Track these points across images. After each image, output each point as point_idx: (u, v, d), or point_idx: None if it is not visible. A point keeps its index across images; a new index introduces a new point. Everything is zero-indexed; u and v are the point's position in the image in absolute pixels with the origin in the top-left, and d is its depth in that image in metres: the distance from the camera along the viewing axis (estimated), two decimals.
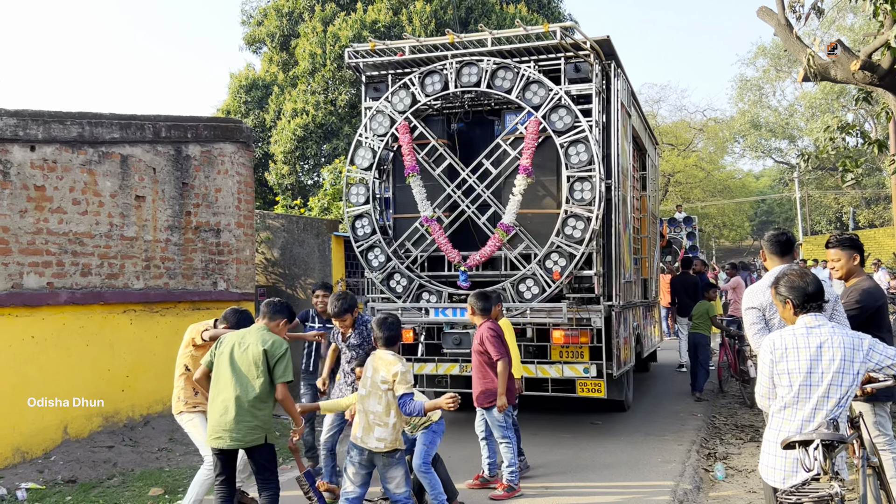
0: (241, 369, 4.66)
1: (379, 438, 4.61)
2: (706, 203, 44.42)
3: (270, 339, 4.71)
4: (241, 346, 4.70)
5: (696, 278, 12.86)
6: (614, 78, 8.35)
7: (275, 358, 4.66)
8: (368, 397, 4.68)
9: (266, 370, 4.66)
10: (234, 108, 23.50)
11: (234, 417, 4.58)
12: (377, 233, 8.65)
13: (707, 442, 8.19)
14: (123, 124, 8.10)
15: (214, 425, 4.66)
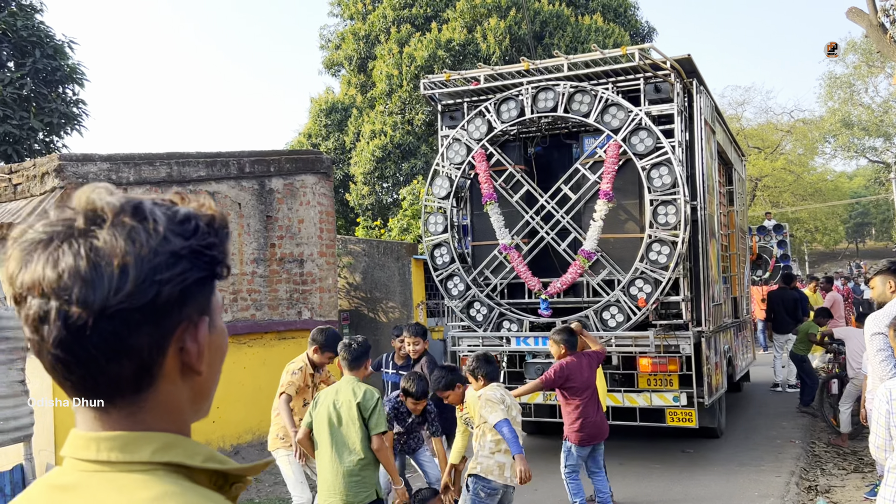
0: (341, 430, 4.61)
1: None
2: (796, 207, 42.70)
3: (361, 392, 4.64)
4: (336, 405, 4.65)
5: (797, 294, 12.33)
6: (697, 96, 8.10)
7: (367, 410, 4.59)
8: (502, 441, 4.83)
9: (363, 425, 4.59)
10: (315, 132, 24.02)
11: (343, 479, 4.55)
12: (456, 261, 8.62)
13: (807, 473, 7.79)
14: (209, 162, 8.35)
15: (325, 488, 4.63)
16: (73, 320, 0.84)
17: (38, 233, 0.90)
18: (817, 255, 52.71)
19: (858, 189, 56.79)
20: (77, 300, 0.84)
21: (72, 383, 0.91)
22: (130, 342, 0.87)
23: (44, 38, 14.49)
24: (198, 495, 0.89)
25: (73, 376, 0.90)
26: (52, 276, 0.85)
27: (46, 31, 14.75)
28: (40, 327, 0.86)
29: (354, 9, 24.85)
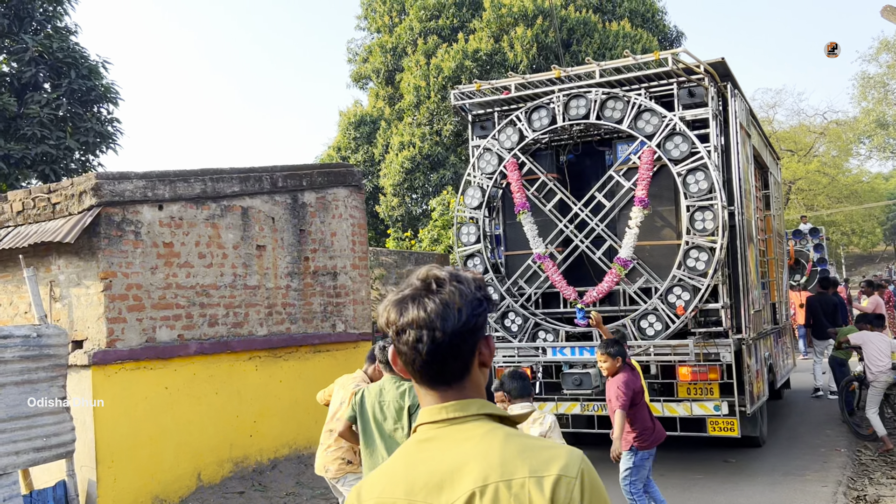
0: (386, 427, 4.61)
1: None
2: (832, 210, 41.94)
3: (405, 387, 4.61)
4: (382, 405, 4.63)
5: (836, 299, 12.08)
6: (731, 99, 7.98)
7: (415, 407, 4.56)
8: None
9: (409, 424, 4.57)
10: (345, 145, 24.17)
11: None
12: (489, 271, 8.57)
13: (854, 482, 7.58)
14: (243, 177, 8.41)
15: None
16: (437, 340, 1.53)
17: (405, 294, 1.59)
18: (854, 259, 51.69)
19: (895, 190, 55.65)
20: (438, 328, 1.53)
21: (430, 377, 1.59)
22: (462, 349, 1.57)
23: (78, 59, 14.75)
24: (505, 429, 1.56)
25: (432, 372, 1.57)
26: (423, 315, 1.54)
27: (81, 52, 15.03)
28: (418, 346, 1.54)
29: (381, 22, 25.00)
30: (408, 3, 24.23)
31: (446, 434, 1.55)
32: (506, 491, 1.45)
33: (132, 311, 7.14)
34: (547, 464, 1.48)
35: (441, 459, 1.52)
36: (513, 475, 1.46)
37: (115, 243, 7.05)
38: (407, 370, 1.60)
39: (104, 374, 6.84)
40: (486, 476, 1.46)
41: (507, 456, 1.49)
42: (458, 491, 1.47)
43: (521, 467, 1.47)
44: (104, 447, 6.76)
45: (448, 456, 1.52)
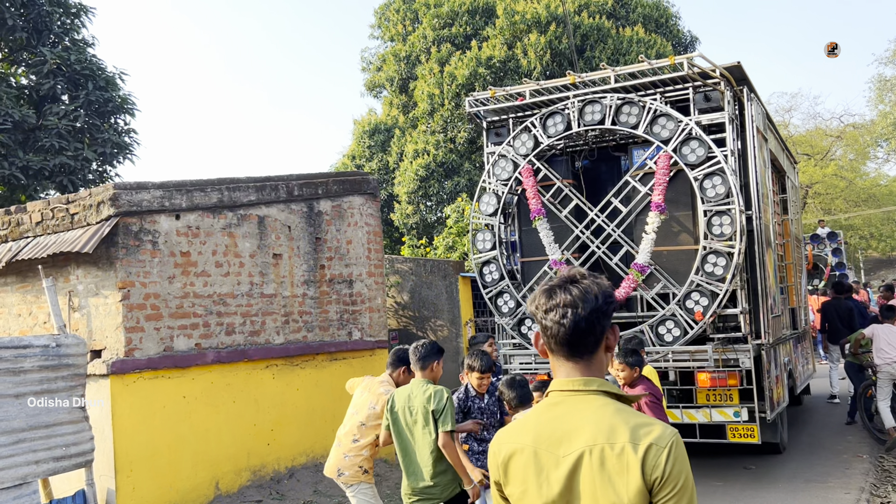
0: (417, 432, 4.77)
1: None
2: (850, 214, 41.57)
3: (430, 392, 4.73)
4: (410, 409, 4.79)
5: (851, 303, 11.96)
6: (748, 103, 7.93)
7: (439, 412, 4.70)
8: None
9: (434, 427, 4.72)
10: (359, 153, 24.24)
11: (430, 477, 4.72)
12: (505, 278, 8.55)
13: (877, 489, 7.48)
14: (259, 186, 8.44)
15: (412, 489, 4.81)
16: (578, 316, 1.91)
17: (553, 284, 1.98)
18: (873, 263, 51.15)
19: None
20: (581, 307, 1.91)
21: (568, 348, 1.96)
22: (595, 328, 1.93)
23: (96, 71, 14.91)
24: (616, 404, 1.93)
25: (570, 344, 1.94)
26: (570, 298, 1.92)
27: (98, 63, 15.19)
28: (563, 321, 1.91)
29: (395, 30, 25.10)
30: (421, 11, 24.31)
31: (571, 402, 1.97)
32: (609, 451, 1.85)
33: (150, 321, 7.18)
34: (644, 434, 1.85)
35: (564, 420, 1.95)
36: (616, 440, 1.85)
37: (132, 253, 7.09)
38: (549, 344, 2.01)
39: (122, 384, 6.87)
40: (595, 439, 1.88)
41: (614, 425, 1.87)
42: (573, 447, 1.90)
43: (623, 435, 1.85)
44: (123, 456, 6.78)
45: (569, 419, 1.94)
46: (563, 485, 1.90)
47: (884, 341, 9.10)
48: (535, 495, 1.95)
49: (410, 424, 4.78)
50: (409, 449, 4.81)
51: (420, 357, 4.88)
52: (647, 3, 24.26)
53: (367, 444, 5.40)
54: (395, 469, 9.13)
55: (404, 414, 4.80)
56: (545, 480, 1.93)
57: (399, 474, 8.95)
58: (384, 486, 8.50)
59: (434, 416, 4.68)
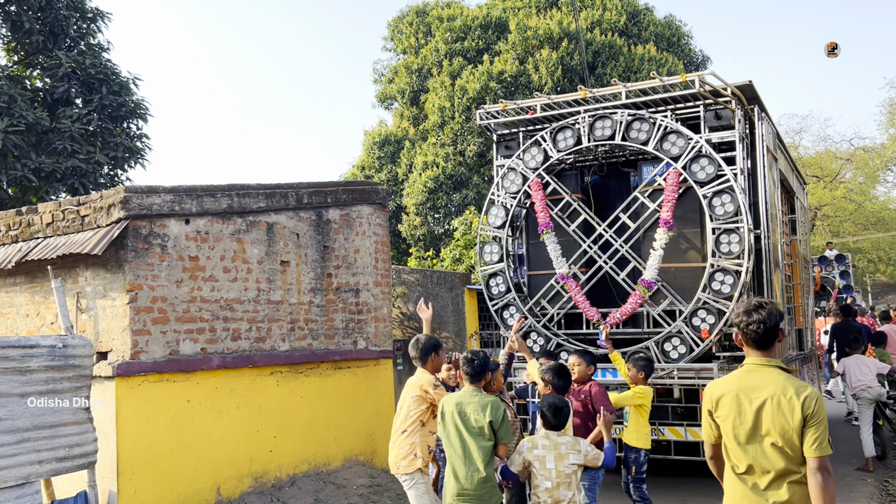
0: (468, 438, 4.91)
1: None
2: (858, 237, 41.41)
3: (489, 405, 4.91)
4: (462, 415, 4.95)
5: (860, 326, 11.95)
6: (758, 122, 7.94)
7: (497, 424, 4.89)
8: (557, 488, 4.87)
9: (492, 436, 4.90)
10: (369, 164, 24.34)
11: (478, 486, 4.86)
12: (512, 291, 8.55)
13: None
14: (269, 193, 8.48)
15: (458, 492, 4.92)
16: (768, 326, 3.43)
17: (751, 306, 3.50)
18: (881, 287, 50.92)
19: None
20: (768, 321, 3.42)
21: (759, 344, 3.46)
22: (775, 332, 3.45)
23: (110, 76, 15.03)
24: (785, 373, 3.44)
25: (761, 342, 3.45)
26: (763, 316, 3.44)
27: (113, 68, 15.31)
28: (759, 329, 3.42)
29: (407, 43, 25.24)
30: (434, 25, 24.46)
31: (760, 370, 3.47)
32: (783, 398, 3.33)
33: (157, 324, 7.20)
34: (802, 389, 3.33)
35: (755, 379, 3.45)
36: (787, 393, 3.34)
37: (141, 256, 7.12)
38: (747, 342, 3.51)
39: (128, 386, 6.88)
40: (774, 391, 3.36)
41: (785, 384, 3.36)
42: (762, 396, 3.39)
43: (791, 389, 3.33)
44: (125, 459, 6.78)
45: (759, 379, 3.44)
46: (753, 416, 3.41)
47: (855, 371, 9.38)
48: (735, 420, 3.45)
49: (460, 426, 4.93)
50: (458, 454, 4.95)
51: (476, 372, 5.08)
52: (660, 22, 24.35)
53: (414, 430, 5.59)
54: (395, 480, 9.09)
55: (453, 416, 4.96)
56: (742, 412, 3.44)
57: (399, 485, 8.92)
58: (385, 496, 8.47)
59: (492, 427, 4.87)
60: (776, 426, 3.33)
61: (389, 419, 9.61)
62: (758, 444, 3.39)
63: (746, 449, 3.41)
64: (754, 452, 3.40)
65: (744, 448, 3.42)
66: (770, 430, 3.35)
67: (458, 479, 4.95)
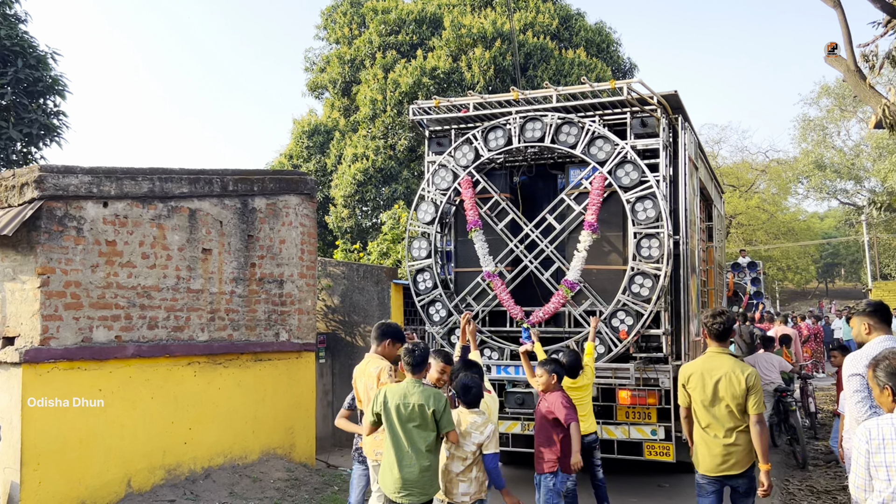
0: (411, 427, 4.98)
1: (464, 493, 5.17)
2: (770, 246, 43.29)
3: (431, 395, 5.01)
4: (405, 407, 4.99)
5: (756, 329, 12.70)
6: (682, 132, 8.20)
7: (440, 413, 4.98)
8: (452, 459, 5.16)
9: (434, 426, 4.99)
10: (297, 153, 23.98)
11: (420, 475, 4.94)
12: (438, 287, 8.59)
13: None
14: (192, 179, 8.26)
15: (398, 482, 4.96)
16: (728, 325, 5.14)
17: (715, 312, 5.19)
18: (788, 294, 53.38)
19: (829, 230, 57.77)
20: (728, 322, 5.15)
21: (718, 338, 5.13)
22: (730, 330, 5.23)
23: (27, 49, 14.33)
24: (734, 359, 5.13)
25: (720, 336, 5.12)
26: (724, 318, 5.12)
27: (30, 41, 14.60)
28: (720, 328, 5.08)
29: (341, 33, 24.98)
30: (368, 16, 24.27)
31: (717, 356, 5.05)
32: (732, 375, 4.91)
33: (69, 310, 6.93)
34: (745, 369, 4.93)
35: (714, 362, 5.01)
36: (735, 371, 4.93)
37: (55, 238, 6.84)
38: (710, 336, 5.07)
39: (35, 373, 6.60)
40: (726, 371, 4.94)
41: (734, 365, 4.96)
42: (718, 374, 4.95)
43: (738, 369, 4.93)
44: (30, 449, 6.51)
45: (717, 362, 5.00)
46: (712, 387, 4.94)
47: (763, 367, 10.13)
48: (700, 391, 5.01)
49: (404, 418, 4.98)
50: (402, 444, 4.99)
51: (417, 363, 5.13)
52: (590, 28, 24.81)
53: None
54: (314, 474, 9.03)
55: (397, 409, 5.00)
56: (705, 385, 4.98)
57: (319, 479, 8.86)
58: (303, 490, 8.39)
59: (436, 417, 4.96)
60: (728, 394, 4.93)
61: (310, 412, 9.54)
62: (716, 407, 5.00)
63: (709, 410, 5.02)
64: (714, 413, 5.01)
65: (707, 409, 5.03)
66: (724, 397, 4.96)
67: (401, 470, 4.99)
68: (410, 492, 4.96)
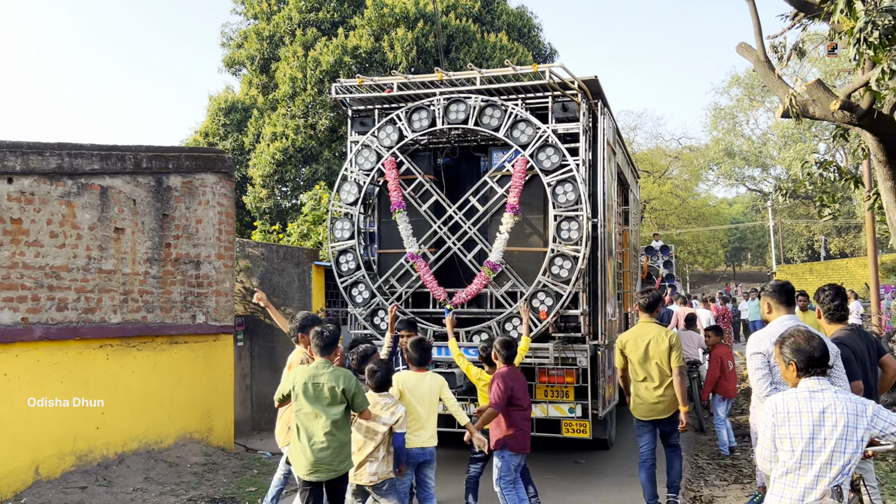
0: (321, 407, 5.06)
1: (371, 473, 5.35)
2: (681, 230, 44.84)
3: (341, 376, 5.12)
4: (315, 387, 5.09)
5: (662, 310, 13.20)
6: (601, 117, 8.37)
7: (351, 393, 5.09)
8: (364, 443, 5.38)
9: (345, 404, 5.10)
10: (213, 131, 23.31)
11: (332, 452, 5.03)
12: (361, 268, 8.54)
13: (691, 484, 8.12)
14: (104, 155, 7.94)
15: (309, 461, 5.03)
16: (654, 299, 6.75)
17: (647, 288, 7.02)
18: (698, 277, 55.44)
19: (737, 215, 60.26)
20: (654, 296, 6.78)
21: (647, 311, 6.74)
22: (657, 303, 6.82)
23: None
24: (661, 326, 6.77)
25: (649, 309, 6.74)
26: (654, 292, 6.80)
27: None
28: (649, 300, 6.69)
29: (259, 8, 24.34)
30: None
31: (647, 325, 6.60)
32: (658, 338, 6.47)
33: None
34: (669, 332, 6.52)
35: (644, 329, 6.57)
36: (659, 335, 6.49)
37: None
38: (641, 309, 6.67)
39: None
40: (654, 336, 6.50)
41: (659, 331, 6.52)
42: (648, 338, 6.51)
43: (662, 333, 6.50)
44: None
45: (646, 329, 6.56)
46: (643, 349, 6.47)
47: (685, 343, 10.56)
48: (635, 352, 6.50)
49: (314, 399, 5.07)
50: (311, 424, 5.06)
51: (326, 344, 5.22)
52: (512, 12, 24.96)
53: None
54: (232, 457, 8.89)
55: (307, 391, 5.09)
56: (638, 347, 6.50)
57: (237, 463, 8.72)
58: (220, 474, 8.25)
59: (346, 395, 5.06)
60: (656, 353, 6.48)
61: (228, 396, 9.37)
62: (648, 364, 6.51)
63: (643, 366, 6.53)
64: (647, 368, 6.52)
65: (642, 366, 6.54)
66: (654, 355, 6.49)
67: (312, 449, 5.04)
68: (319, 469, 5.04)
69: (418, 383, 5.83)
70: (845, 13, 7.45)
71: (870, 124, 10.03)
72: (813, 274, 37.23)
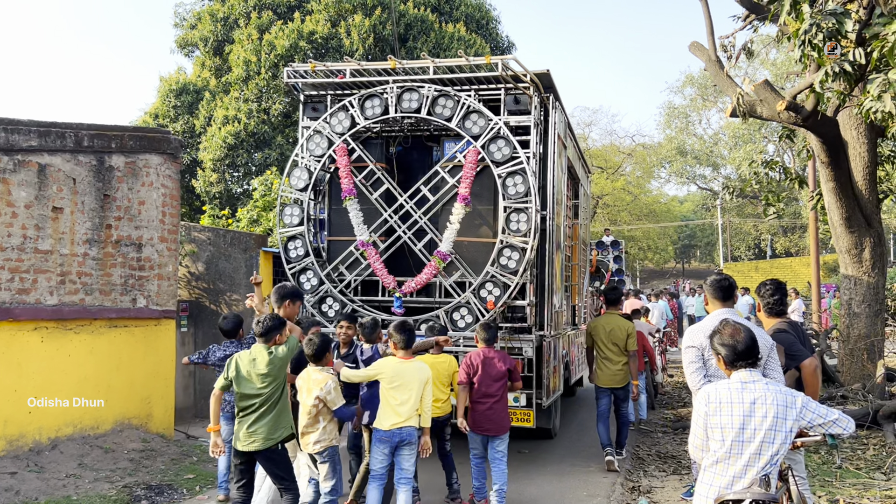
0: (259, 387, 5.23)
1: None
2: (633, 226, 45.47)
3: (269, 357, 5.26)
4: (253, 364, 5.26)
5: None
6: (552, 111, 8.40)
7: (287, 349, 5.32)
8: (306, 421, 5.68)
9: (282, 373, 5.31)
10: (163, 113, 22.80)
11: (264, 423, 5.22)
12: (310, 255, 8.45)
13: (631, 474, 8.24)
14: (42, 132, 7.69)
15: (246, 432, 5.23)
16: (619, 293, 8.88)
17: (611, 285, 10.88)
18: (648, 273, 56.35)
19: (687, 213, 61.37)
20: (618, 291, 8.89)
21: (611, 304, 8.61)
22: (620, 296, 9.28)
23: None
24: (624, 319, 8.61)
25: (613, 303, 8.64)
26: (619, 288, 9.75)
27: None
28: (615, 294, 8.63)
29: None
30: None
31: (611, 315, 8.38)
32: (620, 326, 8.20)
33: None
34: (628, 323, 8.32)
35: (609, 319, 8.32)
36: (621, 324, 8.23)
37: None
38: (606, 303, 8.57)
39: None
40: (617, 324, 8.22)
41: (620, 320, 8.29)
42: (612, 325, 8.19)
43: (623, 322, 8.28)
44: None
45: (611, 319, 8.31)
46: (608, 333, 8.17)
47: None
48: (601, 335, 8.22)
49: (255, 382, 5.23)
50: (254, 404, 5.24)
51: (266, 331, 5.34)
52: (471, 3, 24.94)
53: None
54: (171, 444, 8.73)
55: (249, 372, 5.24)
56: (603, 332, 8.20)
57: (177, 450, 8.57)
58: (159, 461, 8.09)
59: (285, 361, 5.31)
60: (619, 338, 8.12)
61: (169, 382, 9.19)
62: (610, 344, 8.11)
63: (607, 346, 8.12)
64: (610, 348, 8.11)
65: (606, 345, 8.13)
66: (616, 339, 8.10)
67: (248, 422, 5.24)
68: (255, 439, 5.22)
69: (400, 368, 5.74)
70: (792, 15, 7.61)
71: (814, 125, 10.31)
72: (759, 272, 38.16)
